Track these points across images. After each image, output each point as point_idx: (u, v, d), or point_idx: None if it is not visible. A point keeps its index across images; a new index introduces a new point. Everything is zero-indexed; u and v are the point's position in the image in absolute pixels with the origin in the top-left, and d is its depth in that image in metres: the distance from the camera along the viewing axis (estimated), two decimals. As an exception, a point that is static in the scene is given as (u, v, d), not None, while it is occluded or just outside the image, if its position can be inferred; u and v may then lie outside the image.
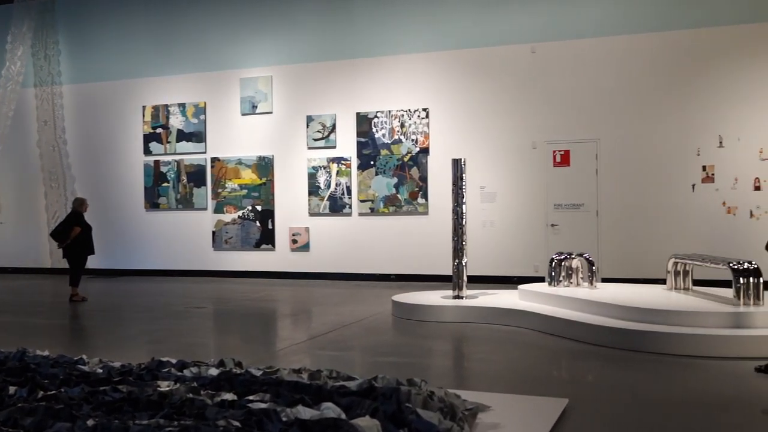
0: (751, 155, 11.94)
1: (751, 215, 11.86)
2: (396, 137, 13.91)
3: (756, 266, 7.84)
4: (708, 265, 8.55)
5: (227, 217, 15.21)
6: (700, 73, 12.21)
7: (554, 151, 12.87)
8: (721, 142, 12.09)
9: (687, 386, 6.12)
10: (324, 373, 5.44)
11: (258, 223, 14.96)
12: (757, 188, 11.86)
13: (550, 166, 12.89)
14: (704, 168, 12.18)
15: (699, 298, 8.63)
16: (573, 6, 12.90)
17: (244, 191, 15.07)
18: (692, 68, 12.25)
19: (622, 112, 12.58)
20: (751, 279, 7.75)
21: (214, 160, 15.33)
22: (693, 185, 12.22)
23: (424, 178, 13.71)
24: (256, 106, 15.00)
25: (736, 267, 7.86)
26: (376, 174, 14.03)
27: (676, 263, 9.32)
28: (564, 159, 12.82)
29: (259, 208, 14.96)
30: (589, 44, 12.80)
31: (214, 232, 15.29)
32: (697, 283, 9.66)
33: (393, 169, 13.92)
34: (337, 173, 14.32)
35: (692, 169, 12.23)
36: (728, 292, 8.24)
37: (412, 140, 13.80)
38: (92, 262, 13.10)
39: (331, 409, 4.25)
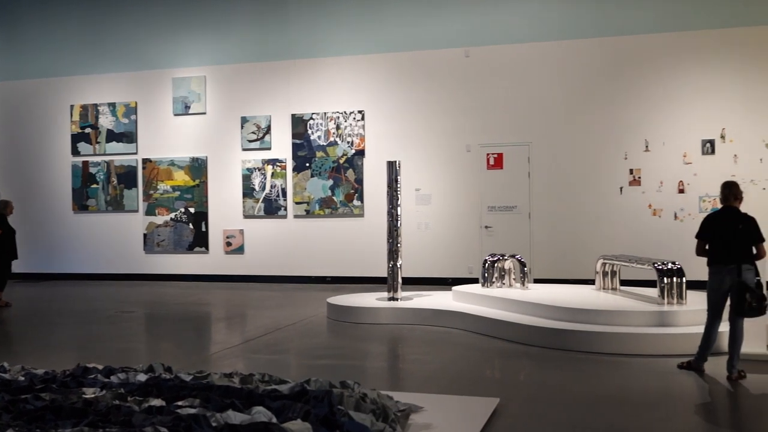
0: (675, 159, 12.34)
1: (676, 217, 12.26)
2: (332, 139, 13.88)
3: (679, 266, 8.11)
4: (634, 265, 8.81)
5: (159, 219, 14.91)
6: (628, 79, 12.56)
7: (488, 154, 13.05)
8: (647, 147, 12.47)
9: (614, 383, 6.28)
10: (256, 377, 5.38)
11: (191, 226, 14.71)
12: (681, 191, 12.27)
13: (484, 169, 13.06)
14: (631, 171, 12.53)
15: (626, 297, 8.88)
16: (506, 11, 13.11)
17: (177, 193, 14.80)
18: (620, 74, 12.59)
19: (554, 116, 12.85)
20: (675, 279, 8.03)
21: (145, 161, 15.00)
22: (621, 188, 12.57)
23: (359, 180, 13.71)
24: (189, 107, 14.75)
25: (660, 267, 8.12)
26: (312, 176, 13.97)
27: (604, 264, 9.57)
28: (497, 162, 13.01)
29: (192, 210, 14.71)
30: (522, 49, 13.03)
31: (145, 235, 14.96)
32: (625, 283, 9.95)
33: (328, 171, 13.89)
34: (272, 175, 14.20)
35: (620, 172, 12.57)
36: (653, 292, 8.50)
37: (348, 142, 13.80)
38: (17, 266, 12.65)
39: (262, 413, 4.20)
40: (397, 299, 9.93)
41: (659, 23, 12.47)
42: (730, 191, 6.49)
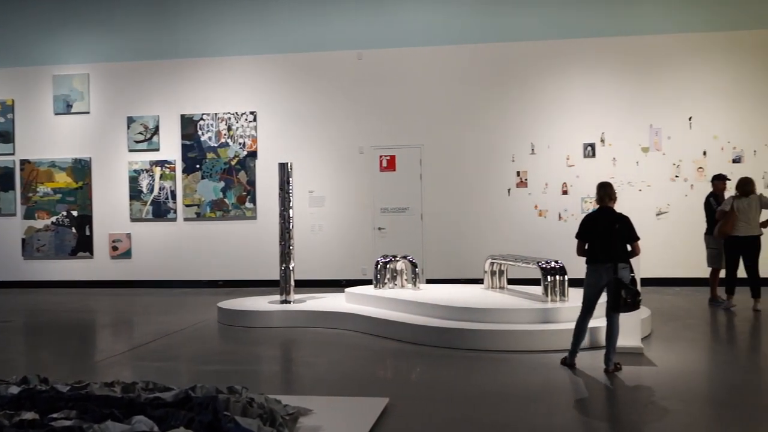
0: (559, 162, 12.83)
1: (560, 217, 12.75)
2: (223, 140, 13.63)
3: (561, 265, 8.44)
4: (520, 264, 9.10)
5: (39, 223, 14.19)
6: (515, 84, 12.97)
7: (381, 156, 13.16)
8: (533, 150, 12.91)
9: (500, 380, 6.46)
10: (139, 386, 5.20)
11: (74, 230, 14.07)
12: (565, 192, 12.77)
13: (377, 171, 13.17)
14: (518, 173, 12.94)
15: (512, 296, 9.15)
16: (399, 15, 13.27)
17: (58, 196, 14.13)
18: (508, 79, 12.98)
19: (445, 119, 13.10)
20: (558, 277, 8.34)
21: (23, 162, 14.24)
22: (509, 190, 12.95)
23: (252, 182, 13.52)
24: (71, 106, 14.12)
25: (544, 266, 8.42)
26: (203, 178, 13.67)
27: (492, 264, 9.83)
28: (390, 164, 13.14)
29: (75, 213, 14.08)
30: (414, 53, 13.22)
31: (24, 240, 14.21)
32: (513, 281, 10.25)
33: (220, 173, 13.62)
34: (161, 177, 13.79)
35: (508, 174, 12.96)
36: (538, 290, 8.80)
37: (240, 144, 13.58)
38: None
39: (142, 423, 4.07)
40: (289, 302, 9.85)
41: (545, 30, 12.93)
42: (605, 192, 6.79)
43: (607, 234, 6.54)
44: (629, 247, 6.62)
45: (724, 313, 9.73)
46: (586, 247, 6.70)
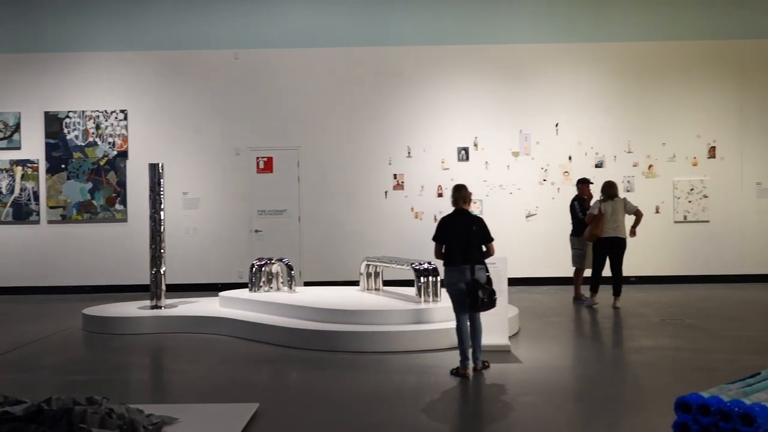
0: (434, 165, 13.10)
1: (435, 220, 13.00)
2: (91, 139, 13.02)
3: (434, 266, 8.59)
4: (394, 266, 9.22)
5: None
6: (391, 88, 13.12)
7: (258, 158, 12.99)
8: (409, 153, 13.11)
9: (373, 381, 6.50)
10: (-12, 400, 4.87)
11: (-77, 233, 13.04)
12: (440, 195, 13.05)
13: (254, 173, 12.98)
14: (395, 176, 13.11)
15: (387, 297, 9.25)
16: (276, 15, 13.14)
17: None
18: (384, 83, 13.12)
19: (323, 121, 13.09)
20: (430, 278, 8.49)
21: None
22: (386, 192, 13.09)
23: (122, 183, 13.00)
24: None
25: (417, 267, 8.56)
26: (68, 178, 13.00)
27: (367, 266, 9.90)
28: (267, 166, 12.99)
29: (-76, 215, 13.06)
30: (291, 54, 13.13)
31: None
32: (389, 283, 10.37)
33: (87, 173, 13.01)
34: (23, 177, 13.01)
35: (385, 177, 13.10)
36: (412, 291, 8.93)
37: (109, 143, 13.03)
38: None
39: (-12, 440, 3.81)
40: (160, 307, 9.53)
41: (421, 36, 13.17)
42: (460, 194, 6.90)
43: (463, 236, 6.64)
44: (484, 248, 6.77)
45: (587, 311, 10.23)
46: (443, 249, 6.75)
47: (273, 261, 9.95)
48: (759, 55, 13.17)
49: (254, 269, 9.80)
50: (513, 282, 11.33)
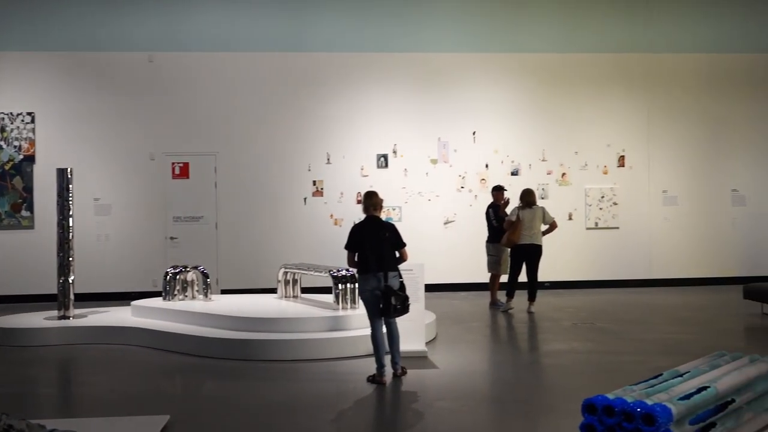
0: (354, 172, 13.10)
1: (355, 226, 13.00)
2: (-5, 143, 12.46)
3: (352, 273, 8.57)
4: (312, 273, 9.17)
5: None
6: (311, 94, 13.04)
7: (173, 163, 12.69)
8: (329, 159, 13.08)
9: (289, 390, 6.44)
10: None
11: None
12: (360, 202, 13.03)
13: (169, 178, 12.68)
14: (314, 183, 13.05)
15: (305, 304, 9.19)
16: (191, 18, 12.86)
17: None
18: (303, 89, 13.02)
19: (241, 126, 12.90)
20: (348, 285, 8.48)
21: None
22: (305, 198, 13.01)
23: (29, 189, 12.47)
24: None
25: (335, 274, 8.53)
26: (-29, 183, 12.41)
27: (285, 273, 9.81)
28: (183, 171, 12.71)
29: None
30: (209, 58, 12.90)
31: None
32: (308, 290, 10.31)
33: (-9, 178, 12.44)
34: None
35: (304, 183, 13.01)
36: (330, 298, 8.89)
37: (15, 147, 12.48)
38: None
39: None
40: (68, 317, 9.19)
41: (342, 42, 13.15)
42: (371, 201, 6.94)
43: (376, 242, 6.65)
44: (398, 254, 6.80)
45: (503, 316, 10.43)
46: (357, 257, 6.73)
47: (188, 269, 9.74)
48: (665, 69, 13.74)
49: (168, 277, 9.57)
50: (431, 288, 11.42)
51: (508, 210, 10.89)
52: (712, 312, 10.56)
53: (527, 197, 10.66)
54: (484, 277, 11.69)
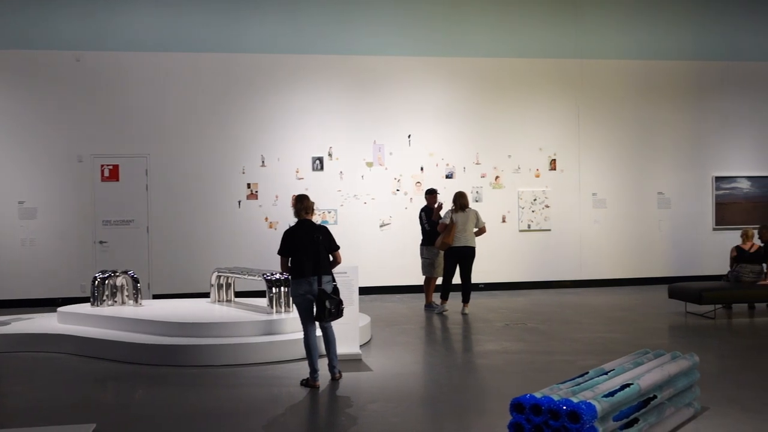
0: (289, 174, 13.01)
1: (290, 229, 12.91)
2: None
3: (286, 277, 8.51)
4: (246, 277, 9.07)
5: None
6: (244, 96, 12.91)
7: (102, 165, 12.37)
8: (263, 162, 12.96)
9: (220, 395, 6.34)
10: None
11: None
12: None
13: (98, 181, 12.36)
14: (249, 185, 12.91)
15: (238, 309, 9.08)
16: (120, 17, 12.56)
17: None
18: (237, 90, 12.89)
19: (173, 128, 12.66)
20: (282, 288, 8.42)
21: None
22: (239, 201, 12.86)
23: (-52, 192, 12.00)
24: None
25: (269, 278, 8.46)
26: None
27: (218, 276, 9.67)
28: (113, 174, 12.41)
29: None
30: (138, 58, 12.60)
31: None
32: (242, 294, 10.19)
33: None
34: None
35: (238, 186, 12.86)
36: (264, 302, 8.81)
37: (-66, 148, 11.98)
38: None
39: None
40: (-10, 325, 8.86)
41: (278, 44, 13.05)
42: (302, 205, 6.88)
43: (309, 246, 6.60)
44: (331, 257, 6.78)
45: (438, 317, 10.51)
46: (290, 262, 6.68)
47: (117, 273, 9.50)
48: (595, 74, 14.10)
49: (96, 282, 9.32)
50: (366, 291, 11.46)
51: (442, 213, 10.98)
52: (639, 311, 10.89)
53: (460, 200, 10.78)
54: (419, 279, 11.77)
